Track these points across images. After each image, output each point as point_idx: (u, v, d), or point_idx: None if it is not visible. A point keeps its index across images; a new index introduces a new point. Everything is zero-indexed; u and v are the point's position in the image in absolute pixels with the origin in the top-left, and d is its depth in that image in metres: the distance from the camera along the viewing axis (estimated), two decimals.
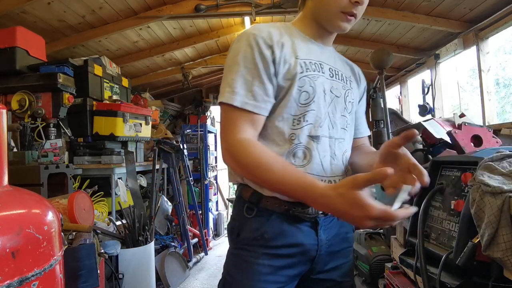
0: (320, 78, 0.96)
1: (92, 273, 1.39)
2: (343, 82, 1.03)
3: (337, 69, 1.03)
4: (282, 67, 0.92)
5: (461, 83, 3.63)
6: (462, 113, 1.51)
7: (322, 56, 1.01)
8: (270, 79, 0.91)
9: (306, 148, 0.93)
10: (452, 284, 0.94)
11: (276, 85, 0.92)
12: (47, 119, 2.44)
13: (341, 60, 1.10)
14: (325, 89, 0.96)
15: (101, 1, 2.68)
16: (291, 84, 0.92)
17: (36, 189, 1.83)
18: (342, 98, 1.01)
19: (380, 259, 1.97)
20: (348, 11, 0.92)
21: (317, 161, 0.94)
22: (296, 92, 0.92)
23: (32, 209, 0.81)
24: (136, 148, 3.37)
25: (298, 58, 0.94)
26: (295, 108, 0.92)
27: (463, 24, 2.80)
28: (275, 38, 0.92)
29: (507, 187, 0.82)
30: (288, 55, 0.93)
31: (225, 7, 2.99)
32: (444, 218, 1.09)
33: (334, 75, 1.01)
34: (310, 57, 0.97)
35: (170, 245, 3.73)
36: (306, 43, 0.99)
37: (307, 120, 0.93)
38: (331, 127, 0.97)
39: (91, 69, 2.97)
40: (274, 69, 0.91)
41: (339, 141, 0.99)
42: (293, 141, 0.92)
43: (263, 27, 0.94)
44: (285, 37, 0.95)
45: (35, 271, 0.74)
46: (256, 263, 0.93)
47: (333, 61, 1.04)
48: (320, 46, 1.02)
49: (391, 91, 4.86)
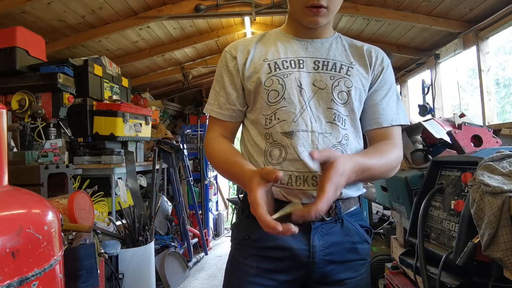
0: (293, 74, 0.95)
1: (92, 273, 1.39)
2: (334, 71, 0.96)
3: (328, 59, 0.98)
4: (248, 70, 0.99)
5: (461, 83, 3.63)
6: (462, 113, 1.51)
7: (306, 51, 1.00)
8: (235, 88, 1.02)
9: (281, 145, 0.93)
10: (452, 284, 0.94)
11: (244, 90, 1.01)
12: (47, 119, 2.44)
13: (343, 46, 1.03)
14: (302, 83, 0.95)
15: (101, 1, 2.68)
16: (257, 86, 0.97)
17: (36, 189, 1.83)
18: (328, 90, 0.94)
19: (380, 259, 1.97)
20: (310, 4, 0.91)
21: (295, 157, 0.91)
22: (264, 92, 0.96)
23: (32, 209, 0.81)
24: (136, 148, 3.37)
25: (266, 60, 0.98)
26: (265, 107, 0.96)
27: (463, 24, 2.80)
28: (241, 47, 1.03)
29: (507, 187, 0.82)
30: (257, 59, 1.00)
31: (225, 7, 2.99)
32: (444, 218, 1.09)
33: (322, 67, 0.97)
34: (286, 56, 0.98)
35: (170, 245, 3.73)
36: (287, 41, 1.02)
37: (278, 118, 0.94)
38: (313, 121, 0.93)
39: (91, 69, 2.97)
40: (238, 75, 1.01)
41: (324, 136, 0.93)
42: (267, 140, 0.95)
43: (236, 42, 1.06)
44: (259, 44, 1.03)
45: (35, 271, 0.74)
46: (244, 263, 0.96)
47: (325, 52, 1.00)
48: (306, 41, 1.01)
49: None
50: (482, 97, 2.66)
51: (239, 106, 1.02)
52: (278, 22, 3.79)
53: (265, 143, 0.96)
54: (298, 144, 0.91)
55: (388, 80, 1.02)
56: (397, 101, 1.02)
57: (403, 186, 1.31)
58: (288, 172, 0.91)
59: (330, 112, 0.94)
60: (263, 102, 0.96)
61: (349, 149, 0.95)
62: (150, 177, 3.57)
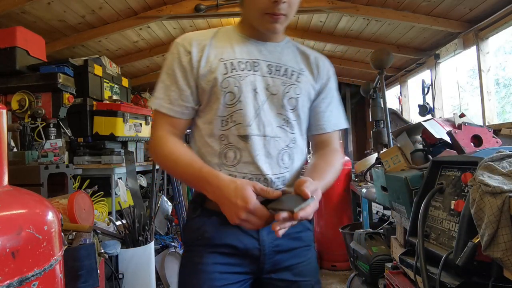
0: (249, 77, 0.96)
1: (92, 273, 1.39)
2: (286, 77, 1.00)
3: (280, 64, 1.01)
4: (203, 68, 0.95)
5: (461, 83, 3.63)
6: (462, 113, 1.51)
7: (261, 54, 1.00)
8: (188, 85, 0.96)
9: (237, 148, 0.94)
10: (452, 284, 0.94)
11: (197, 88, 0.97)
12: (47, 119, 2.44)
13: (294, 52, 1.07)
14: (257, 87, 0.96)
15: (101, 1, 2.68)
16: (213, 86, 0.94)
17: (36, 189, 1.83)
18: (280, 96, 0.98)
19: (380, 259, 1.97)
20: (271, 11, 0.92)
21: (249, 161, 0.94)
22: (221, 94, 0.94)
23: (32, 209, 0.81)
24: (136, 148, 3.37)
25: (222, 60, 0.96)
26: (222, 109, 0.95)
27: (463, 24, 2.80)
28: (195, 42, 0.98)
29: (507, 187, 0.82)
30: (213, 57, 0.96)
31: (225, 7, 2.99)
32: (444, 218, 1.09)
33: (274, 72, 1.00)
34: (241, 56, 0.98)
35: (170, 245, 3.72)
36: (242, 41, 1.01)
37: (234, 121, 0.95)
38: (266, 125, 0.96)
39: (91, 69, 2.97)
40: (192, 72, 0.96)
41: (275, 140, 0.97)
42: (223, 141, 0.95)
43: (188, 34, 1.01)
44: (213, 40, 0.99)
45: (35, 271, 0.74)
46: (200, 262, 0.95)
47: (277, 56, 1.02)
48: (259, 43, 1.02)
49: (391, 91, 4.87)
50: (482, 97, 2.66)
51: (192, 104, 0.98)
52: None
53: (219, 144, 0.95)
54: (252, 148, 0.94)
55: (333, 88, 1.11)
56: (339, 107, 1.12)
57: (403, 186, 1.31)
58: (242, 174, 0.94)
59: (281, 117, 0.99)
60: (220, 104, 0.94)
61: (295, 152, 1.01)
62: (150, 177, 3.56)
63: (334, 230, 3.35)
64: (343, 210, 3.64)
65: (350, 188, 3.55)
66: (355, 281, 2.22)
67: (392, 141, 2.63)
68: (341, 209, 3.63)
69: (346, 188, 3.62)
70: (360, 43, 3.68)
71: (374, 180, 1.85)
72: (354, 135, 5.89)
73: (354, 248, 2.18)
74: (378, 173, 1.71)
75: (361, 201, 3.00)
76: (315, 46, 4.29)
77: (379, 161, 2.17)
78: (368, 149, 4.65)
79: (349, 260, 2.38)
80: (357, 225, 3.00)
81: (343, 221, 3.49)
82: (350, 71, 4.98)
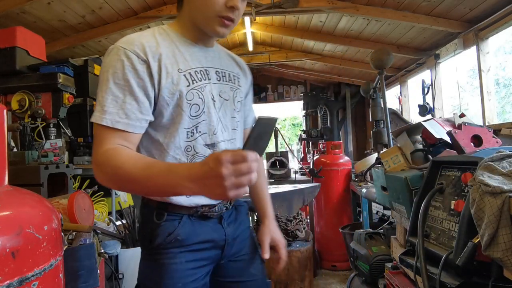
0: (207, 87, 0.97)
1: (92, 273, 1.39)
2: (231, 82, 1.06)
3: (224, 70, 1.05)
4: (165, 80, 0.90)
5: (461, 83, 3.63)
6: (462, 113, 1.51)
7: (207, 60, 1.01)
8: (147, 96, 0.88)
9: (204, 156, 0.95)
10: (452, 284, 0.94)
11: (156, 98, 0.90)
12: (47, 119, 2.44)
13: (227, 57, 1.12)
14: (214, 95, 0.99)
15: (101, 1, 2.68)
16: (178, 99, 0.91)
17: (36, 189, 1.83)
18: (231, 100, 1.04)
19: (380, 259, 1.97)
20: (224, 15, 0.92)
21: None
22: (186, 106, 0.92)
23: (32, 209, 0.81)
24: None
25: (180, 71, 0.93)
26: (187, 121, 0.94)
27: (463, 24, 2.80)
28: (149, 49, 0.89)
29: (507, 187, 0.82)
30: (170, 67, 0.91)
31: None
32: (444, 218, 1.09)
33: (222, 78, 1.03)
34: (195, 65, 0.97)
35: None
36: (188, 47, 0.99)
37: (200, 131, 0.96)
38: (224, 130, 1.01)
39: (91, 69, 2.97)
40: (152, 82, 0.88)
41: (231, 142, 1.04)
42: (189, 152, 0.96)
43: (135, 38, 0.90)
44: (162, 46, 0.92)
45: (35, 271, 0.74)
46: (173, 262, 0.97)
47: (218, 62, 1.05)
48: (203, 49, 1.02)
49: (391, 91, 4.87)
50: (482, 97, 2.66)
51: (150, 116, 0.90)
52: (278, 22, 3.79)
53: (186, 156, 0.95)
54: None
55: (252, 88, 1.21)
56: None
57: (403, 186, 1.32)
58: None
59: (234, 120, 1.06)
60: (185, 116, 0.92)
61: None
62: None
63: (334, 230, 3.35)
64: (343, 210, 3.64)
65: (350, 188, 3.56)
66: (355, 281, 2.21)
67: (392, 141, 2.63)
68: (341, 209, 3.63)
69: (346, 188, 3.62)
70: (360, 43, 3.68)
71: (374, 180, 1.85)
72: (354, 135, 5.89)
73: (354, 248, 2.18)
74: (378, 173, 1.71)
75: (361, 201, 3.00)
76: (315, 46, 4.29)
77: (379, 161, 2.17)
78: (368, 149, 4.66)
79: (349, 260, 2.38)
80: (357, 225, 3.00)
81: (343, 221, 3.50)
82: (350, 71, 4.98)
